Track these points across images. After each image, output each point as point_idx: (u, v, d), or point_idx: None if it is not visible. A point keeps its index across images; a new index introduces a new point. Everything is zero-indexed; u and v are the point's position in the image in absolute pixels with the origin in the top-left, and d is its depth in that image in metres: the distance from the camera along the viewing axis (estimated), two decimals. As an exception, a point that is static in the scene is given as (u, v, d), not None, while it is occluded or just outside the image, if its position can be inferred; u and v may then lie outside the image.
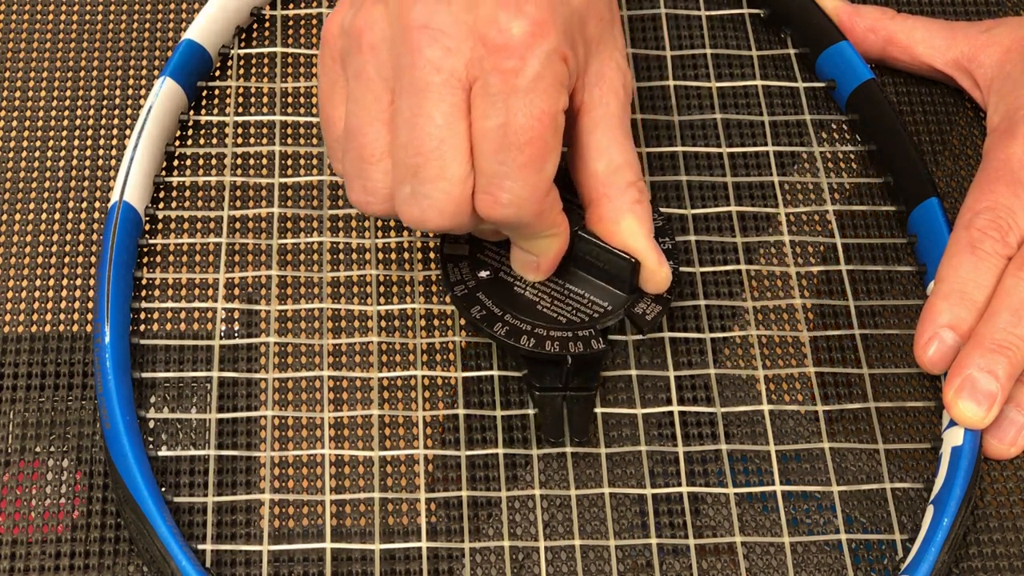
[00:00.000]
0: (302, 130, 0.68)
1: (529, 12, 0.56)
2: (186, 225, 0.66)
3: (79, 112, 0.68)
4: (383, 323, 0.64)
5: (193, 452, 0.61)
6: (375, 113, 0.57)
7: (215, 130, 0.68)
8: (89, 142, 0.68)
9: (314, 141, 0.68)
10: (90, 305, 0.64)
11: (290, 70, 0.70)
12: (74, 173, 0.67)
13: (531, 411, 0.62)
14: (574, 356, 0.60)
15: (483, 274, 0.62)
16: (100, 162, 0.67)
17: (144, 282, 0.64)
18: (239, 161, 0.67)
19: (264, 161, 0.67)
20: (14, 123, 0.68)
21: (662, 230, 0.63)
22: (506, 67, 0.55)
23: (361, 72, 0.57)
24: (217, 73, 0.69)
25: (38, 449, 0.61)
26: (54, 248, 0.65)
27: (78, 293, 0.64)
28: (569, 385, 0.61)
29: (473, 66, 0.56)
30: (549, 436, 0.61)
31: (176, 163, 0.67)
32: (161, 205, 0.66)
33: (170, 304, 0.64)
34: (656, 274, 0.61)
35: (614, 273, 0.61)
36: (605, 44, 0.60)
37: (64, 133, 0.68)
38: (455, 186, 0.56)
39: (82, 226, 0.66)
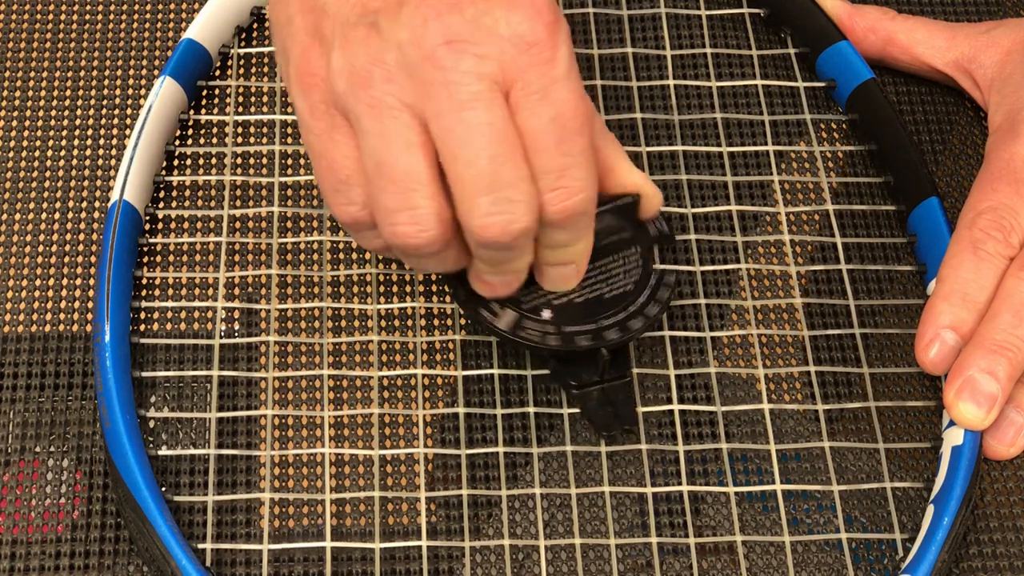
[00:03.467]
0: (302, 130, 0.68)
1: (538, 5, 0.55)
2: (186, 224, 0.66)
3: (79, 112, 0.68)
4: (383, 322, 0.64)
5: (193, 451, 0.61)
6: (409, 139, 0.55)
7: (215, 129, 0.68)
8: (89, 142, 0.68)
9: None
10: (90, 305, 0.64)
11: (290, 70, 0.70)
12: (74, 173, 0.67)
13: (531, 410, 0.62)
14: (637, 332, 0.60)
15: (510, 309, 0.61)
16: (100, 162, 0.67)
17: (144, 281, 0.64)
18: (239, 160, 0.67)
19: (264, 160, 0.67)
20: (14, 123, 0.68)
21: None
22: (542, 60, 0.55)
23: (379, 103, 0.55)
24: (217, 72, 0.69)
25: (38, 449, 0.61)
26: (54, 248, 0.65)
27: (78, 293, 0.64)
28: (605, 376, 0.61)
29: (508, 68, 0.54)
30: (601, 431, 0.60)
31: (176, 162, 0.67)
32: (161, 204, 0.66)
33: (170, 303, 0.64)
34: (654, 198, 0.61)
35: (617, 229, 0.61)
36: None
37: (64, 133, 0.68)
38: (532, 184, 0.55)
39: (82, 226, 0.66)
